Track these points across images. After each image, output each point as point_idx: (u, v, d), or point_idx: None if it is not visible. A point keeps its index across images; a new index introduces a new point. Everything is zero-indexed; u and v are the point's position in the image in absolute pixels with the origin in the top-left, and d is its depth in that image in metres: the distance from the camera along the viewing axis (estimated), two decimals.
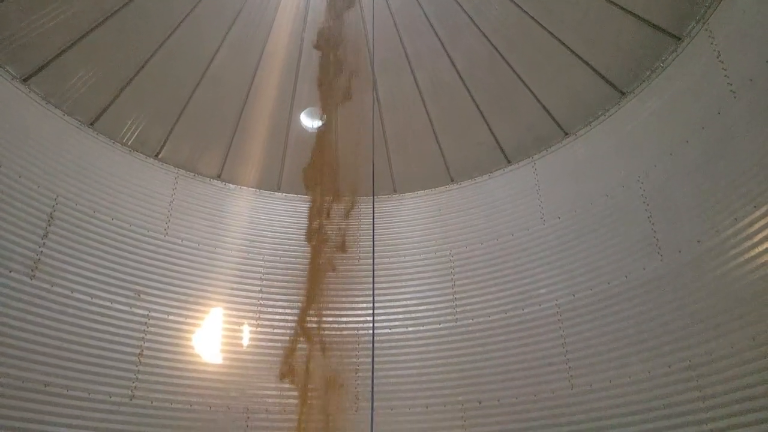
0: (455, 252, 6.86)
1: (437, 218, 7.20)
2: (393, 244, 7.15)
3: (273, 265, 6.97)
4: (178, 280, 6.42)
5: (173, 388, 5.93)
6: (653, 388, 4.96)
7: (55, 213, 5.80)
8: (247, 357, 6.42)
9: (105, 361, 5.65)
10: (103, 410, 5.46)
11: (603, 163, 6.14)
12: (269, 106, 7.02)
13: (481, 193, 7.07)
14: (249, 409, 6.14)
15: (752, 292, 4.43)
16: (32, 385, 5.13)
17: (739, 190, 4.73)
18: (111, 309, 5.87)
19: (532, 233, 6.44)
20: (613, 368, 5.30)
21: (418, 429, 6.07)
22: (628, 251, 5.56)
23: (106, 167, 6.40)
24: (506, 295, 6.33)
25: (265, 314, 6.67)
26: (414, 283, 6.87)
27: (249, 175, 7.33)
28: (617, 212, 5.80)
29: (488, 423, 5.84)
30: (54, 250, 5.67)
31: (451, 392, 6.13)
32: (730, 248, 4.67)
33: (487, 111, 6.94)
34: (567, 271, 6.00)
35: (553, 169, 6.62)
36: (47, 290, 5.49)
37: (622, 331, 5.35)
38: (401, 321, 6.68)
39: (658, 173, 5.52)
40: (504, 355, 6.06)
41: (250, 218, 7.19)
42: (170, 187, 6.84)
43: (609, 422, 5.15)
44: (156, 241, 6.46)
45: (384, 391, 6.16)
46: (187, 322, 6.29)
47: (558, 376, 5.64)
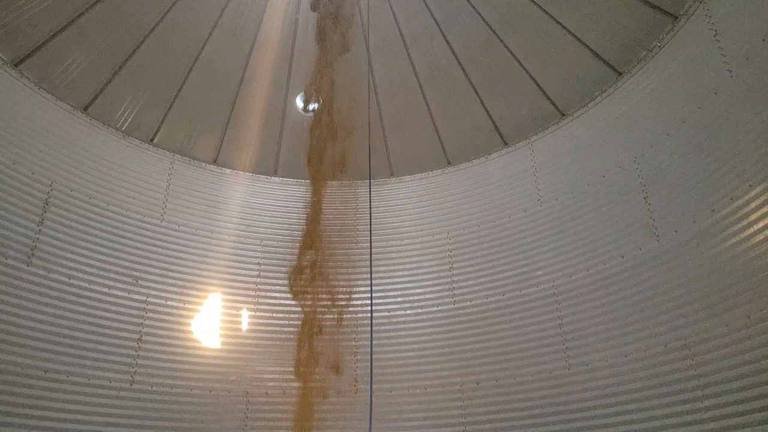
0: (453, 234, 6.87)
1: (434, 201, 7.19)
2: (390, 227, 7.15)
3: (270, 249, 6.97)
4: (175, 265, 6.42)
5: (173, 372, 5.96)
6: (649, 367, 5.01)
7: (51, 200, 5.77)
8: (246, 341, 6.45)
9: (104, 347, 5.66)
10: (104, 395, 5.50)
11: (600, 143, 6.14)
12: (264, 90, 6.96)
13: (478, 175, 7.07)
14: (249, 392, 6.18)
15: (748, 271, 4.46)
16: (32, 371, 5.15)
17: (735, 169, 4.74)
18: (109, 295, 5.87)
19: (529, 215, 6.45)
20: (609, 348, 5.35)
21: (416, 410, 6.12)
22: (625, 232, 5.58)
23: (101, 153, 6.35)
24: (504, 277, 6.35)
25: (263, 299, 6.69)
26: (412, 266, 6.89)
27: (245, 160, 7.29)
28: (614, 193, 5.81)
29: (486, 403, 5.90)
30: (50, 237, 5.65)
31: (450, 374, 6.19)
32: (726, 228, 4.70)
33: (483, 93, 6.90)
34: (564, 252, 6.02)
35: (550, 150, 6.61)
36: (44, 277, 5.49)
37: (619, 311, 5.39)
38: (399, 304, 6.71)
39: (655, 153, 5.52)
40: (502, 337, 6.10)
41: (246, 203, 7.17)
42: (166, 172, 6.80)
43: (606, 401, 5.21)
44: (153, 226, 6.44)
45: (383, 373, 6.21)
46: (186, 307, 6.30)
47: (555, 356, 5.69)
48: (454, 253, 6.77)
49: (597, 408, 5.24)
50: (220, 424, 5.94)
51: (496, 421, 5.78)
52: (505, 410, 5.78)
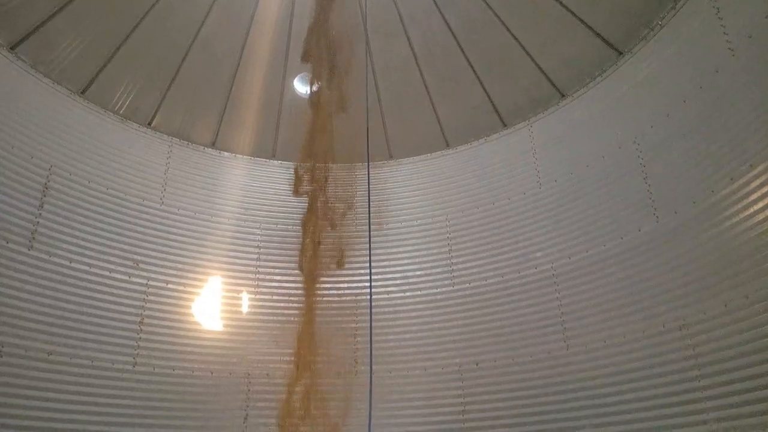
0: (452, 217, 6.86)
1: (433, 183, 7.17)
2: (389, 210, 7.15)
3: (269, 232, 6.98)
4: (175, 249, 6.44)
5: (175, 354, 6.02)
6: (647, 347, 5.03)
7: (50, 183, 5.78)
8: (247, 324, 6.49)
9: (106, 330, 5.71)
10: (107, 377, 5.56)
11: (600, 124, 6.09)
12: (262, 72, 6.91)
13: (477, 157, 7.03)
14: (250, 374, 6.25)
15: (747, 251, 4.45)
16: (35, 353, 5.21)
17: (735, 149, 4.70)
18: (110, 278, 5.91)
19: (529, 197, 6.44)
20: (607, 328, 5.36)
21: (416, 391, 6.18)
22: (624, 213, 5.56)
23: (99, 137, 6.34)
24: (503, 259, 6.36)
25: (263, 281, 6.72)
26: (411, 249, 6.90)
27: (243, 143, 7.27)
28: (613, 174, 5.78)
29: (485, 384, 5.95)
30: (50, 221, 5.67)
31: (449, 355, 6.23)
32: (726, 208, 4.67)
33: (482, 74, 6.84)
34: (563, 234, 6.01)
35: (550, 131, 6.56)
36: (46, 260, 5.52)
37: (617, 292, 5.40)
38: (398, 286, 6.73)
39: (655, 134, 5.48)
40: (500, 318, 6.13)
41: (245, 186, 7.17)
42: (164, 156, 6.79)
43: (603, 381, 5.25)
44: (152, 210, 6.45)
45: (383, 354, 6.25)
46: (186, 290, 6.34)
47: (554, 337, 5.72)
48: (453, 235, 6.77)
49: (595, 388, 5.28)
50: (222, 405, 6.02)
51: (495, 401, 5.83)
52: (504, 390, 5.83)
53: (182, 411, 5.83)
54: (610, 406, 5.12)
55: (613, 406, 5.10)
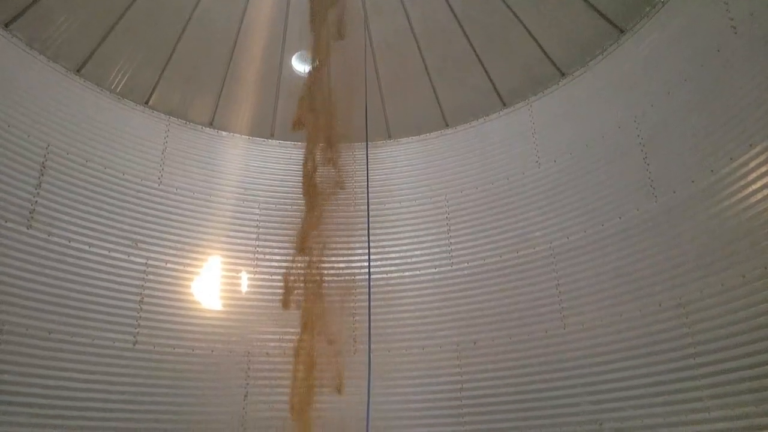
0: (450, 197, 6.86)
1: (432, 163, 7.15)
2: (388, 189, 7.14)
3: (268, 212, 6.98)
4: (174, 228, 6.45)
5: (175, 333, 6.06)
6: (643, 326, 5.07)
7: (47, 163, 5.75)
8: (246, 303, 6.53)
9: (107, 309, 5.75)
10: (108, 355, 5.61)
11: (600, 104, 6.05)
12: (259, 50, 6.83)
13: (477, 137, 7.00)
14: (250, 352, 6.30)
15: (744, 230, 4.46)
16: (36, 332, 5.24)
17: (735, 129, 4.69)
18: (109, 258, 5.92)
19: (528, 177, 6.43)
20: (604, 307, 5.40)
21: (414, 369, 6.24)
22: (623, 192, 5.56)
23: (96, 115, 6.29)
24: (501, 238, 6.37)
25: (262, 261, 6.74)
26: (409, 229, 6.90)
27: (241, 122, 7.22)
28: (613, 154, 5.76)
29: (483, 362, 6.01)
30: (48, 200, 5.66)
31: (447, 334, 6.28)
32: (725, 188, 4.68)
33: (482, 52, 6.77)
34: (561, 213, 6.02)
35: (550, 111, 6.52)
36: (45, 240, 5.52)
37: (615, 271, 5.42)
38: (397, 266, 6.75)
39: (655, 113, 5.45)
40: (498, 297, 6.16)
41: (244, 166, 7.14)
42: (162, 135, 6.75)
43: (599, 359, 5.30)
44: (150, 189, 6.44)
45: (381, 334, 6.30)
46: (186, 269, 6.36)
47: (551, 316, 5.76)
48: (451, 215, 6.77)
49: (591, 366, 5.33)
50: (222, 383, 6.08)
51: (492, 380, 5.90)
52: (501, 369, 5.89)
53: (183, 389, 5.89)
54: (606, 384, 5.19)
55: (609, 384, 5.17)
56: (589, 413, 5.22)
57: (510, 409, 5.69)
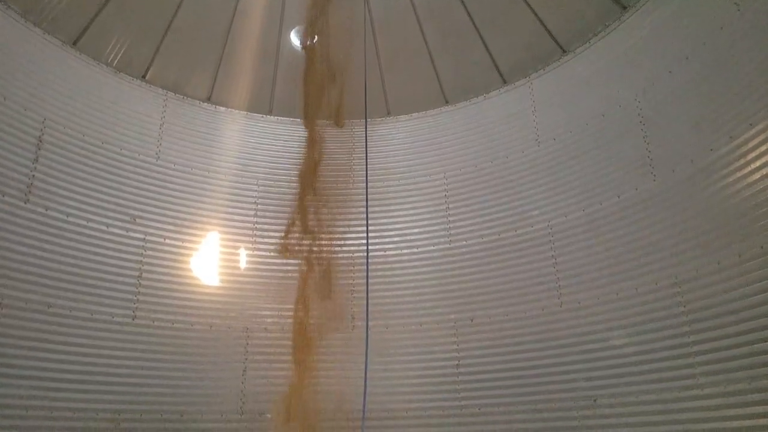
0: (449, 175, 6.84)
1: (431, 141, 7.10)
2: (387, 167, 7.10)
3: (267, 189, 6.96)
4: (172, 204, 6.42)
5: (173, 309, 6.08)
6: (639, 304, 5.11)
7: (44, 137, 5.71)
8: (245, 279, 6.54)
9: (106, 284, 5.75)
10: (107, 329, 5.63)
11: (601, 81, 6.01)
12: (258, 23, 6.74)
13: (476, 114, 6.95)
14: (248, 328, 6.33)
15: (742, 210, 4.47)
16: (36, 306, 5.26)
17: (736, 108, 4.67)
18: (107, 233, 5.91)
19: (527, 155, 6.40)
20: (601, 286, 5.43)
21: (412, 345, 6.29)
22: (622, 172, 5.55)
23: (93, 89, 6.22)
24: (499, 217, 6.38)
25: (261, 237, 6.74)
26: (408, 206, 6.89)
27: (239, 98, 7.15)
28: (613, 132, 5.74)
29: (480, 339, 6.06)
30: (46, 174, 5.63)
31: (444, 311, 6.31)
32: (724, 167, 4.68)
33: (483, 28, 6.69)
34: (560, 192, 6.01)
35: (550, 89, 6.47)
36: (43, 214, 5.51)
37: (612, 250, 5.44)
38: (395, 243, 6.76)
39: (656, 91, 5.42)
40: (496, 275, 6.18)
41: (242, 142, 7.09)
42: (159, 110, 6.69)
43: (595, 336, 5.35)
44: (148, 165, 6.40)
45: (379, 310, 6.33)
46: (184, 245, 6.36)
47: (548, 294, 5.79)
48: (450, 193, 6.76)
49: (587, 343, 5.39)
50: (221, 358, 6.12)
51: (488, 356, 5.95)
52: (498, 345, 5.94)
53: (182, 363, 5.93)
54: (601, 361, 5.25)
55: (604, 361, 5.23)
56: (583, 389, 5.29)
57: (506, 385, 5.76)
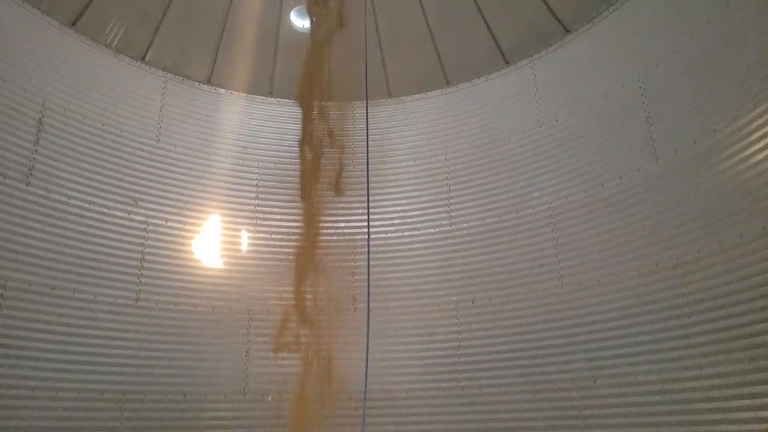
0: (450, 157, 6.81)
1: (433, 123, 7.06)
2: (388, 149, 7.07)
3: (268, 171, 6.95)
4: (173, 186, 6.43)
5: (176, 291, 6.12)
6: (640, 286, 5.11)
7: (44, 119, 5.70)
8: (247, 261, 6.57)
9: (108, 266, 5.79)
10: (110, 311, 5.68)
11: (604, 62, 5.94)
12: (257, 4, 6.67)
13: (478, 95, 6.89)
14: (251, 310, 6.37)
15: (744, 190, 4.45)
16: (40, 288, 5.30)
17: (740, 88, 4.62)
18: (109, 215, 5.93)
19: (529, 137, 6.36)
20: (602, 267, 5.43)
21: (413, 327, 6.33)
22: (625, 153, 5.52)
23: (92, 71, 6.19)
24: (501, 199, 6.36)
25: (262, 220, 6.75)
26: (409, 189, 6.88)
27: (239, 80, 7.10)
28: (615, 113, 5.69)
29: (480, 321, 6.08)
30: (47, 157, 5.63)
31: (445, 293, 6.33)
32: (726, 148, 4.64)
33: (485, 8, 6.60)
34: (562, 174, 5.99)
35: (553, 69, 6.40)
36: (44, 197, 5.52)
37: (613, 232, 5.43)
38: (397, 226, 6.76)
39: (660, 72, 5.35)
40: (497, 257, 6.19)
41: (243, 124, 7.07)
42: (159, 92, 6.66)
43: (595, 318, 5.37)
44: (149, 147, 6.39)
45: (380, 292, 6.35)
46: (186, 228, 6.38)
47: (549, 276, 5.80)
48: (451, 175, 6.74)
49: (587, 324, 5.41)
50: (223, 340, 6.17)
51: (489, 337, 5.98)
52: (499, 327, 5.97)
53: (185, 345, 5.99)
54: (601, 342, 5.27)
55: (604, 342, 5.25)
56: (583, 370, 5.32)
57: (506, 366, 5.80)
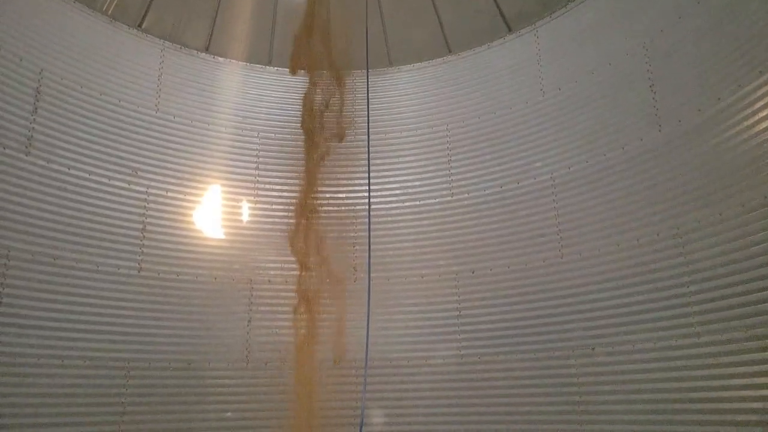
0: (452, 127, 6.75)
1: (434, 92, 6.97)
2: (389, 118, 7.02)
3: (268, 141, 6.90)
4: (173, 157, 6.39)
5: (178, 261, 6.14)
6: (639, 255, 5.13)
7: (42, 88, 5.64)
8: (248, 232, 6.58)
9: (110, 236, 5.79)
10: (113, 281, 5.71)
11: (608, 29, 5.83)
12: None
13: (480, 64, 6.79)
14: (252, 280, 6.41)
15: (747, 159, 4.42)
16: (42, 258, 5.32)
17: (746, 55, 4.55)
18: (109, 186, 5.91)
19: (531, 106, 6.30)
20: (602, 237, 5.44)
21: (413, 296, 6.37)
22: (628, 122, 5.46)
23: (89, 39, 6.08)
24: (502, 169, 6.33)
25: (263, 190, 6.74)
26: (410, 159, 6.85)
27: (238, 48, 6.99)
28: (619, 82, 5.61)
29: (480, 290, 6.12)
30: (45, 127, 5.59)
31: (446, 263, 6.36)
32: (731, 116, 4.59)
33: None
34: (564, 143, 5.94)
35: (556, 37, 6.29)
36: (44, 167, 5.50)
37: (615, 201, 5.42)
38: (397, 196, 6.75)
39: (665, 39, 5.26)
40: (498, 228, 6.19)
41: (242, 93, 6.98)
42: (157, 60, 6.57)
43: (594, 287, 5.39)
44: (147, 117, 6.33)
45: (381, 263, 6.39)
46: (186, 198, 6.37)
47: (549, 246, 5.81)
48: (452, 145, 6.70)
49: (586, 294, 5.44)
50: (225, 309, 6.22)
51: (489, 306, 6.03)
52: (499, 296, 6.01)
53: (188, 314, 6.04)
54: (600, 311, 5.31)
55: (602, 311, 5.29)
56: (581, 338, 5.38)
57: (505, 335, 5.85)
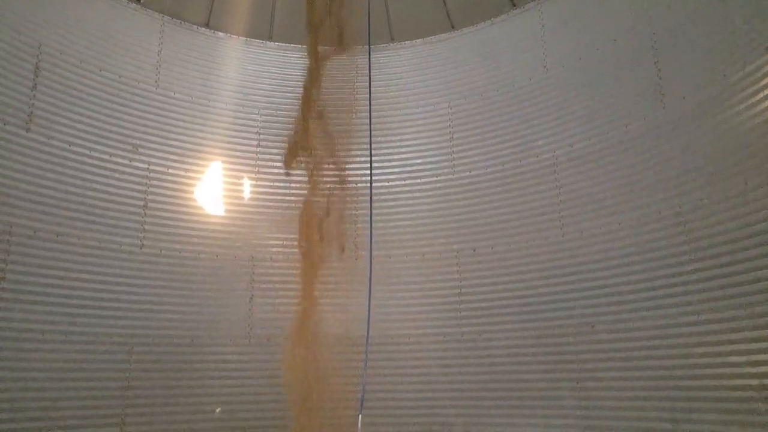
0: (454, 104, 6.70)
1: (436, 69, 6.89)
2: (391, 95, 6.95)
3: (269, 118, 6.86)
4: (174, 133, 6.36)
5: (180, 238, 6.16)
6: (641, 234, 5.12)
7: (41, 64, 5.59)
8: (249, 209, 6.58)
9: (112, 213, 5.80)
10: (116, 258, 5.73)
11: (614, 4, 5.74)
12: None
13: (483, 40, 6.70)
14: (254, 257, 6.43)
15: (752, 137, 4.39)
16: (45, 234, 5.34)
17: (753, 32, 4.49)
18: (110, 162, 5.90)
19: (534, 83, 6.23)
20: (604, 216, 5.43)
21: (414, 275, 6.39)
22: (631, 100, 5.41)
23: (87, 14, 6.01)
24: (504, 147, 6.30)
25: (264, 168, 6.72)
26: (412, 137, 6.81)
27: (239, 23, 6.90)
28: (624, 59, 5.54)
29: (481, 269, 6.14)
30: (45, 102, 5.56)
31: (447, 241, 6.37)
32: (735, 94, 4.55)
33: None
34: (567, 121, 5.90)
35: (561, 13, 6.19)
36: (45, 143, 5.49)
37: (616, 180, 5.40)
38: (399, 174, 6.73)
39: (671, 15, 5.18)
40: (499, 206, 6.18)
41: (243, 69, 6.91)
42: (156, 36, 6.49)
43: (595, 266, 5.40)
44: (148, 93, 6.28)
45: (382, 241, 6.39)
46: (188, 175, 6.35)
47: (550, 224, 5.81)
48: (454, 123, 6.65)
49: (587, 272, 5.45)
50: (227, 285, 6.26)
51: (490, 285, 6.05)
52: (500, 275, 6.02)
53: (191, 291, 6.08)
54: (601, 289, 5.33)
55: (603, 289, 5.31)
56: (582, 316, 5.40)
57: (506, 313, 5.88)
